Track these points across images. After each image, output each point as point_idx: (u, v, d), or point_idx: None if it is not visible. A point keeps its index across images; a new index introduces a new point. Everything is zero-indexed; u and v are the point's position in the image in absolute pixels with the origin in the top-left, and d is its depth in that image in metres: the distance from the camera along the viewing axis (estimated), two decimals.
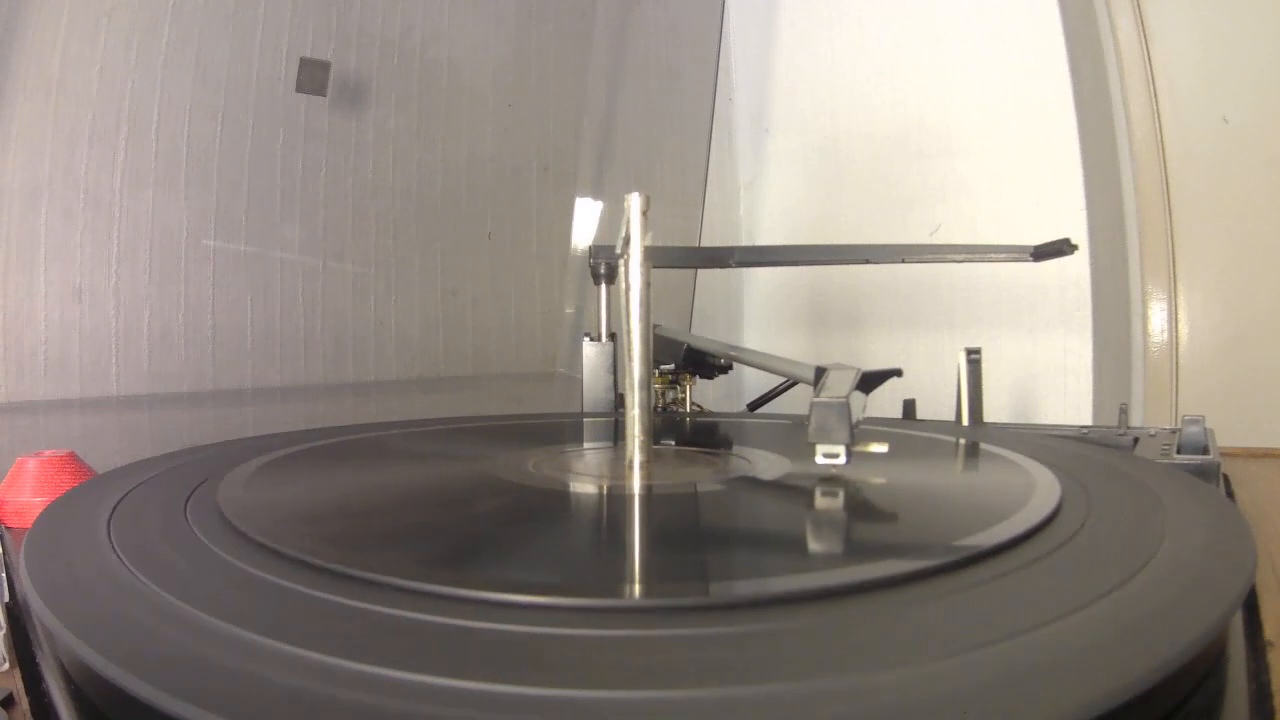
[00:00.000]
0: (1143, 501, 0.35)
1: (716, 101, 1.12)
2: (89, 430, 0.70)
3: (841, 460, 0.39)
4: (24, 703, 0.25)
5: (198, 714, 0.18)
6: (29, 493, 0.42)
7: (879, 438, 0.43)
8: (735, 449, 0.54)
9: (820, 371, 0.45)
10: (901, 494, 0.42)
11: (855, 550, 0.34)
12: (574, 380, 0.79)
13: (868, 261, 0.78)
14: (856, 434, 0.40)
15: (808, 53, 1.15)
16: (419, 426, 0.62)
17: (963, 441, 0.54)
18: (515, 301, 1.01)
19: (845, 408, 0.39)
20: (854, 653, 0.21)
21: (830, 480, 0.41)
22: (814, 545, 0.34)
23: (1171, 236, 1.02)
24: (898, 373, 0.57)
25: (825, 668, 0.21)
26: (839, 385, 0.41)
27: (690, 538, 0.35)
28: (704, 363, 0.71)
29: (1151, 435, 0.58)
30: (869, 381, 0.44)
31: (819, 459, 0.40)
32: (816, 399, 0.40)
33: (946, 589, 0.25)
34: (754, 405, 0.82)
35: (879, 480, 0.43)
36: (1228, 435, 0.57)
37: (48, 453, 0.44)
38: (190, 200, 0.75)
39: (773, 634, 0.22)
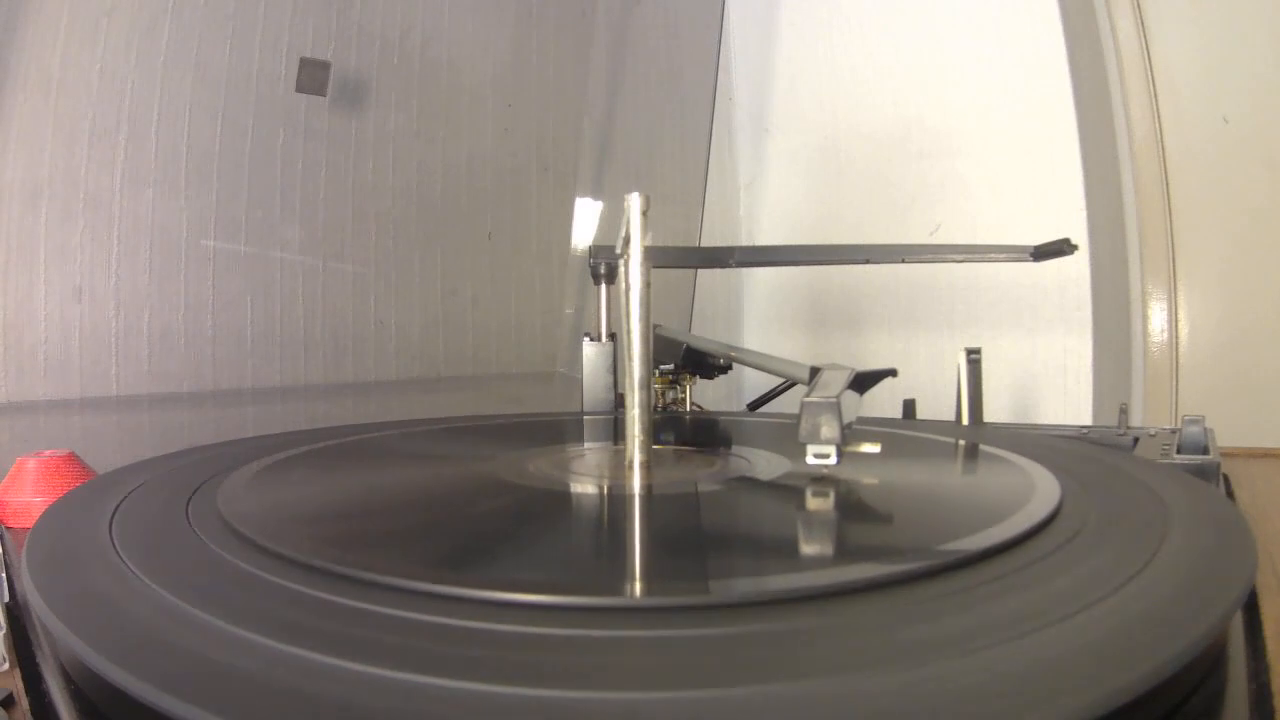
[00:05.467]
0: (1143, 502, 0.35)
1: (716, 101, 1.12)
2: (89, 430, 0.70)
3: (832, 460, 0.39)
4: (24, 703, 0.25)
5: (198, 714, 0.18)
6: (29, 493, 0.42)
7: (875, 438, 0.43)
8: (735, 449, 0.54)
9: (815, 371, 0.45)
10: (901, 494, 0.42)
11: (855, 551, 0.34)
12: (574, 380, 0.79)
13: (868, 261, 0.78)
14: (848, 434, 0.40)
15: (808, 52, 1.15)
16: (419, 426, 0.62)
17: (962, 442, 0.54)
18: (515, 301, 1.01)
19: (835, 407, 0.39)
20: (853, 653, 0.21)
21: (830, 481, 0.41)
22: (814, 546, 0.34)
23: (1171, 236, 1.02)
24: (892, 373, 0.57)
25: (825, 668, 0.21)
26: (831, 385, 0.41)
27: (690, 538, 0.35)
28: (704, 363, 0.71)
29: (1151, 435, 0.58)
30: (863, 382, 0.44)
31: (809, 459, 0.40)
32: (807, 398, 0.40)
33: (946, 589, 0.25)
34: (754, 405, 0.82)
35: (878, 481, 0.43)
36: (1228, 435, 0.57)
37: (48, 453, 0.44)
38: (190, 200, 0.75)
39: (773, 634, 0.22)
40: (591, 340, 0.72)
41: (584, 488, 0.43)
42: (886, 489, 0.42)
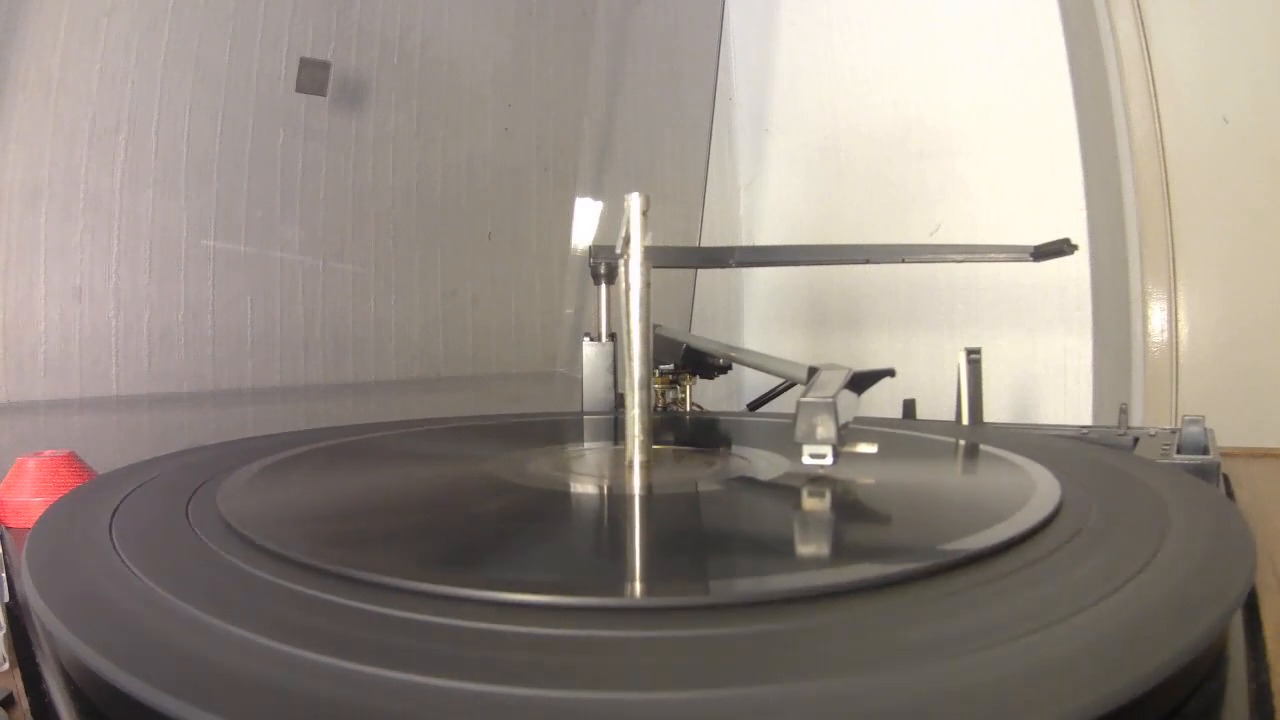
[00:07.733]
0: (1143, 502, 0.35)
1: (716, 101, 1.12)
2: (89, 430, 0.70)
3: (828, 461, 0.39)
4: (24, 703, 0.25)
5: (198, 714, 0.18)
6: (29, 493, 0.42)
7: (874, 438, 0.43)
8: (735, 449, 0.54)
9: (813, 371, 0.45)
10: (901, 495, 0.42)
11: (855, 551, 0.34)
12: (574, 380, 0.79)
13: (868, 261, 0.78)
14: (844, 434, 0.40)
15: (808, 53, 1.15)
16: (419, 426, 0.62)
17: (962, 442, 0.54)
18: (515, 301, 1.01)
19: (831, 407, 0.39)
20: (854, 654, 0.21)
21: (830, 481, 0.40)
22: (814, 546, 0.34)
23: (1171, 236, 1.02)
24: (890, 373, 0.57)
25: (825, 668, 0.21)
26: (827, 385, 0.41)
27: (691, 538, 0.35)
28: (704, 363, 0.71)
29: (1151, 435, 0.58)
30: (860, 382, 0.44)
31: (805, 459, 0.40)
32: (803, 399, 0.40)
33: (946, 590, 0.25)
34: (754, 405, 0.82)
35: (878, 481, 0.43)
36: (1228, 435, 0.57)
37: (48, 453, 0.44)
38: (190, 200, 0.75)
39: (773, 634, 0.22)
40: (591, 340, 0.72)
41: (584, 488, 0.43)
42: (887, 489, 0.42)
